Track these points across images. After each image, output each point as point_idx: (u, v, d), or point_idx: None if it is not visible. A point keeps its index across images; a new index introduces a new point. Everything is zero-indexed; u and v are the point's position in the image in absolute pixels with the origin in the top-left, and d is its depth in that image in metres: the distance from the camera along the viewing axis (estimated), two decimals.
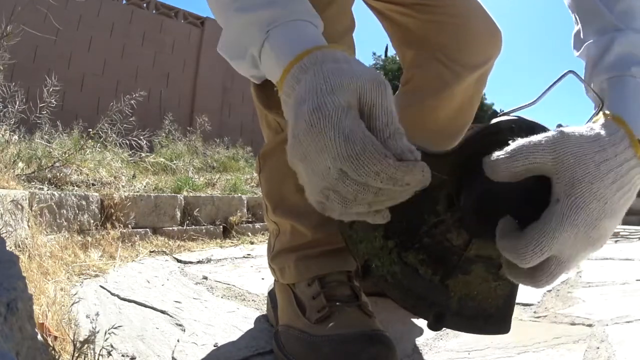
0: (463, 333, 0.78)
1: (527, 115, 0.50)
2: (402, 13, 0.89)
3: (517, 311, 0.91)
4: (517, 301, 0.94)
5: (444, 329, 0.60)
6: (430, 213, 0.52)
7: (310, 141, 0.37)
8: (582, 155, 0.41)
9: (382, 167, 0.35)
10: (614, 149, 0.42)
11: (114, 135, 2.52)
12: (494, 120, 0.49)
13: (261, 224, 2.30)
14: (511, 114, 0.49)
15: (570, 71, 0.53)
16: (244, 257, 1.63)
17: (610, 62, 0.53)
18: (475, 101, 0.94)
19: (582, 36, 0.58)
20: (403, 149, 0.37)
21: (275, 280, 0.77)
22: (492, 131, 0.48)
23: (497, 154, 0.43)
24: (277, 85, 0.44)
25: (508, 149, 0.43)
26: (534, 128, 0.47)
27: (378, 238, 0.52)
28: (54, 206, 1.43)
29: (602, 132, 0.43)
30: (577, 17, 0.60)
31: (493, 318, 0.57)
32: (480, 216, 0.48)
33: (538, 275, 0.43)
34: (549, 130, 0.46)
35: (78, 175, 1.97)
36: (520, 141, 0.43)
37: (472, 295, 0.56)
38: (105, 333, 0.62)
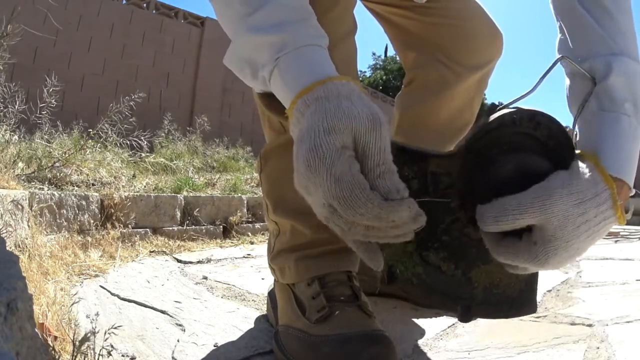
0: (464, 333, 0.78)
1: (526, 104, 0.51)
2: (403, 15, 0.89)
3: None
4: None
5: (445, 329, 0.60)
6: (446, 212, 0.53)
7: (308, 178, 0.40)
8: (565, 218, 0.44)
9: (367, 209, 0.39)
10: (595, 210, 0.44)
11: (114, 135, 2.52)
12: (495, 115, 0.50)
13: (261, 224, 2.30)
14: (510, 106, 0.51)
15: (563, 57, 0.55)
16: (244, 257, 1.63)
17: (605, 94, 0.51)
18: (477, 102, 0.95)
19: (570, 45, 0.56)
20: (390, 189, 0.40)
21: (275, 281, 0.77)
22: (494, 126, 0.50)
23: (487, 210, 0.46)
24: (287, 113, 0.46)
25: (497, 206, 0.45)
26: (534, 116, 0.49)
27: (398, 243, 0.54)
28: (54, 206, 1.43)
29: (588, 193, 0.44)
30: (563, 25, 0.58)
31: (517, 301, 0.58)
32: None
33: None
34: (548, 116, 0.48)
35: (78, 175, 1.96)
36: (507, 201, 0.45)
37: (495, 282, 0.57)
38: (105, 333, 0.62)
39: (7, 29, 1.86)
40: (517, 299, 0.57)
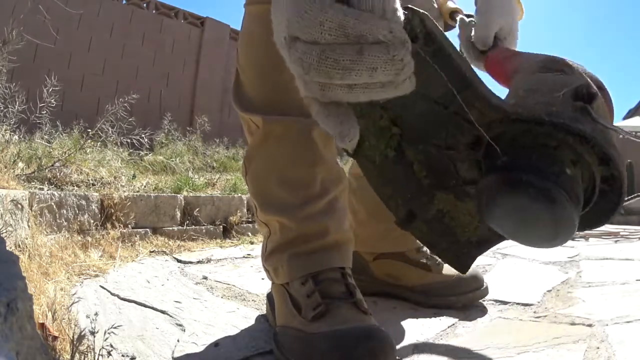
0: (464, 333, 0.78)
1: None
2: None
3: (517, 311, 0.91)
4: (516, 301, 0.93)
5: (445, 329, 0.59)
6: (451, 136, 0.46)
7: (274, 15, 0.35)
8: None
9: (327, 16, 0.31)
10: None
11: (114, 135, 2.52)
12: (576, 127, 0.40)
13: None
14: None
15: None
16: (244, 257, 1.63)
17: None
18: None
19: None
20: (375, 5, 0.31)
21: (271, 283, 0.77)
22: (542, 123, 0.41)
23: None
24: None
25: None
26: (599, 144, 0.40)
27: (384, 119, 0.47)
28: (54, 206, 1.43)
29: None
30: None
31: (456, 247, 0.53)
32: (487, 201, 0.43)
33: None
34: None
35: (78, 175, 1.96)
36: None
37: (452, 214, 0.51)
38: (105, 333, 0.62)
39: (10, 35, 1.86)
40: (459, 245, 0.53)
